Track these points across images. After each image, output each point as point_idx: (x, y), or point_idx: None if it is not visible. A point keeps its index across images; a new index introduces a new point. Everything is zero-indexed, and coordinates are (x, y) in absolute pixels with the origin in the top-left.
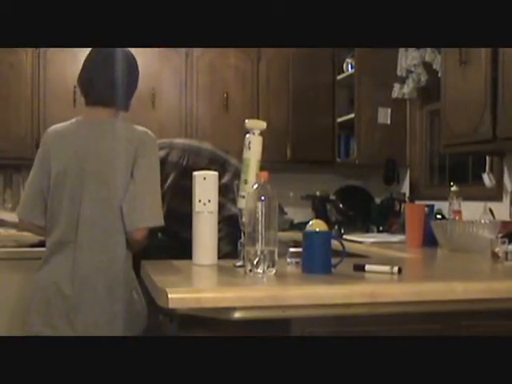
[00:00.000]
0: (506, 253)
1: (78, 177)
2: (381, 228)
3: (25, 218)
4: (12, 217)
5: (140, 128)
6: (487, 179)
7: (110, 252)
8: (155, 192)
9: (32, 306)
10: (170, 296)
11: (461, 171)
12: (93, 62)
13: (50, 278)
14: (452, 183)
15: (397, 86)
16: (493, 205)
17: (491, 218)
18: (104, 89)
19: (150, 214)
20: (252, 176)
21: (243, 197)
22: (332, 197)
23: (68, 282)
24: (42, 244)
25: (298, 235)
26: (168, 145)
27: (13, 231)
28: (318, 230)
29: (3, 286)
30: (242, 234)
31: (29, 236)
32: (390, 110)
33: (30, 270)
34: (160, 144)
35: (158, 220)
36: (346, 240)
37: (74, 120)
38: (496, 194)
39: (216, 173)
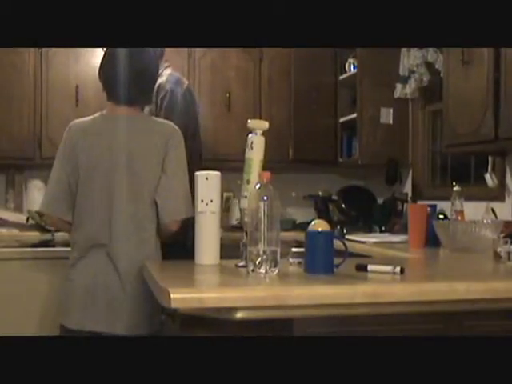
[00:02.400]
0: (509, 253)
1: (108, 172)
2: (383, 228)
3: (52, 214)
4: (14, 217)
5: (166, 122)
6: (489, 179)
7: (145, 244)
8: (186, 183)
9: (71, 302)
10: (172, 296)
11: (463, 171)
12: (114, 59)
13: (90, 273)
14: (454, 183)
15: (399, 85)
16: (495, 205)
17: (493, 217)
18: (128, 89)
19: (184, 206)
20: (254, 176)
21: (245, 197)
22: (334, 197)
23: (110, 275)
24: (43, 244)
25: (300, 235)
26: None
27: (15, 231)
28: (320, 229)
29: (5, 285)
30: (245, 234)
31: (31, 236)
32: (392, 110)
33: (31, 270)
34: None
35: (190, 211)
36: (349, 240)
37: (97, 115)
38: (498, 194)
39: (218, 173)
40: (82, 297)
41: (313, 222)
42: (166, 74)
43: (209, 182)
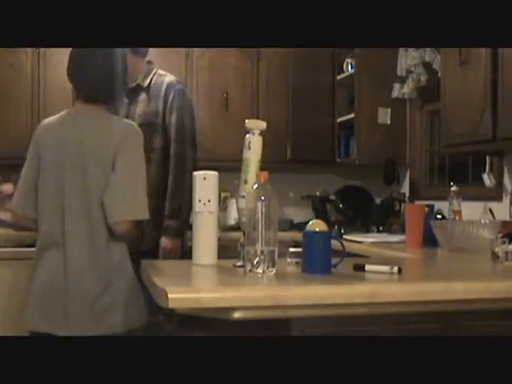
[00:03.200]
0: (506, 253)
1: (61, 168)
2: (381, 228)
3: (18, 210)
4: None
5: (126, 121)
6: (487, 179)
7: (96, 244)
8: (138, 184)
9: (29, 302)
10: (169, 296)
11: (461, 171)
12: (79, 58)
13: (45, 273)
14: (452, 183)
15: (397, 85)
16: (493, 205)
17: (491, 218)
18: (91, 88)
19: (131, 207)
20: (252, 176)
21: (243, 197)
22: (332, 197)
23: (61, 275)
24: None
25: (297, 235)
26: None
27: (11, 231)
28: (317, 229)
29: (2, 285)
30: (242, 234)
31: (27, 236)
32: (389, 110)
33: (28, 270)
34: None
35: (140, 213)
36: (346, 240)
37: (64, 112)
38: (496, 194)
39: (216, 173)
40: (36, 298)
41: (310, 222)
42: (168, 75)
43: (206, 182)
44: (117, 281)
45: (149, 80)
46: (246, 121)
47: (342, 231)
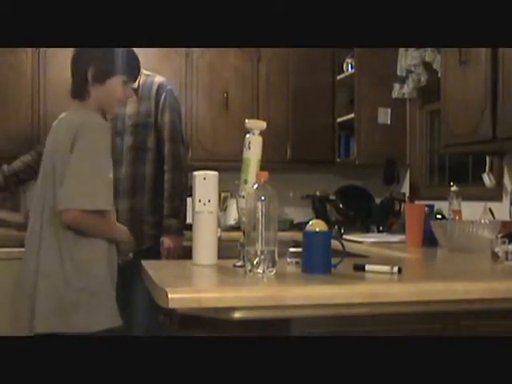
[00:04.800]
0: (506, 253)
1: (48, 164)
2: (381, 228)
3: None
4: (12, 216)
5: (83, 113)
6: (487, 179)
7: (64, 239)
8: (90, 174)
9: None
10: (170, 296)
11: (461, 171)
12: (73, 56)
13: (25, 272)
14: (452, 183)
15: (397, 85)
16: (493, 205)
17: (491, 218)
18: (73, 83)
19: (80, 197)
20: (252, 176)
21: (243, 197)
22: (332, 197)
23: (32, 273)
24: None
25: (298, 235)
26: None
27: (13, 231)
28: (317, 229)
29: (4, 285)
30: (242, 234)
31: None
32: (389, 110)
33: None
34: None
35: (90, 203)
36: (346, 240)
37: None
38: (496, 194)
39: (216, 173)
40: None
41: (310, 222)
42: (155, 75)
43: (206, 181)
44: (82, 280)
45: (137, 81)
46: (246, 121)
47: (342, 231)
